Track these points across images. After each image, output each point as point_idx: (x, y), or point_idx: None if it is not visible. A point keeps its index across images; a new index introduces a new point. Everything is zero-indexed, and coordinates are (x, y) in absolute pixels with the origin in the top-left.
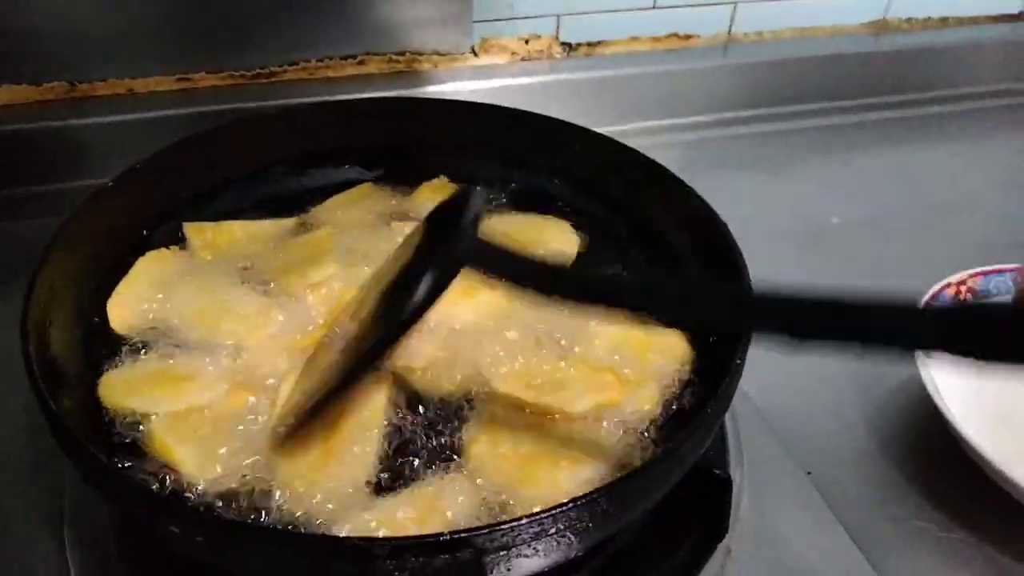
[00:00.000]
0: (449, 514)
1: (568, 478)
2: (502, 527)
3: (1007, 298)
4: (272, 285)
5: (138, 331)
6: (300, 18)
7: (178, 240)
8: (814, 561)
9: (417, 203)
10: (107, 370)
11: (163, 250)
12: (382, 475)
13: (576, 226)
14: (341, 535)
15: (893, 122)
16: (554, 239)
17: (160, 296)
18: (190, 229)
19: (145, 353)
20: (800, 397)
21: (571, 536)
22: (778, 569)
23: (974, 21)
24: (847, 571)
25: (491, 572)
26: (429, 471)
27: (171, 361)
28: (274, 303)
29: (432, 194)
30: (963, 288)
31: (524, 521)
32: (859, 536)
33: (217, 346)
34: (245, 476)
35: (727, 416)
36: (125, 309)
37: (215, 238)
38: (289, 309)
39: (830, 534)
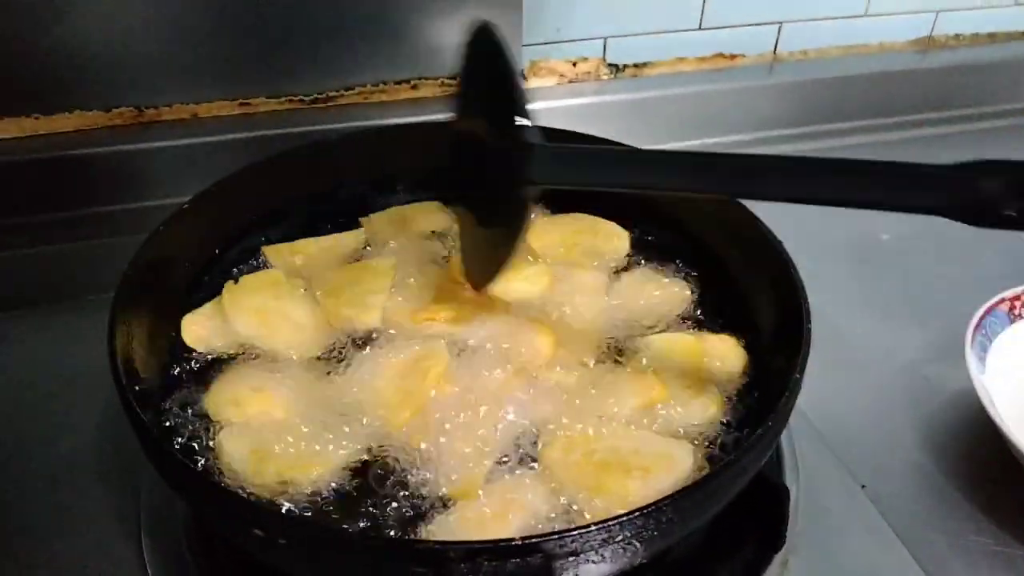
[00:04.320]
0: (521, 517)
1: (638, 488)
2: (572, 533)
3: None
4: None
5: (208, 347)
6: (356, 45)
7: (249, 257)
8: (872, 574)
9: None
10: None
11: (247, 276)
12: None
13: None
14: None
15: (940, 138)
16: (607, 241)
17: (238, 316)
18: (269, 251)
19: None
20: (854, 411)
21: (636, 543)
22: None
23: (1023, 36)
24: None
25: None
26: (506, 474)
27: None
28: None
29: None
30: (1017, 303)
31: (593, 528)
32: (914, 549)
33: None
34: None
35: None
36: (199, 328)
37: (292, 257)
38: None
39: (887, 547)
